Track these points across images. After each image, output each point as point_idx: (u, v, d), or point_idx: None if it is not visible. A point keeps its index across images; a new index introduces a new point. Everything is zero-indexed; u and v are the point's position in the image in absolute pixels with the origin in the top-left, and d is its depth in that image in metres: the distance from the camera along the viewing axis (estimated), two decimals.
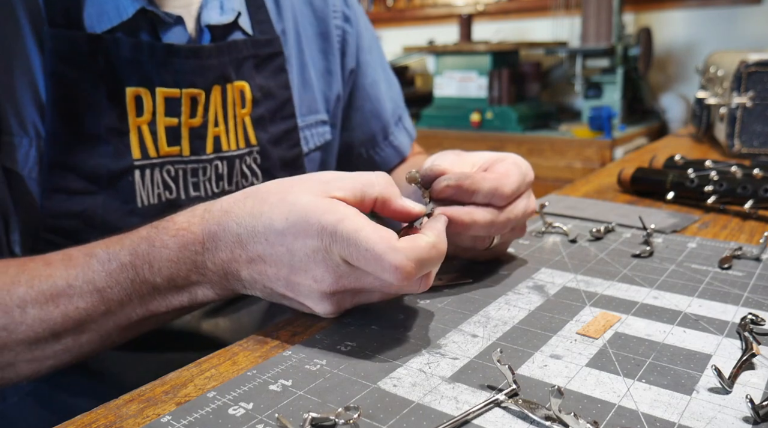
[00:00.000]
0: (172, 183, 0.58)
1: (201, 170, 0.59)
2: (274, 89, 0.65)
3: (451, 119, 2.53)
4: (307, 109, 0.70)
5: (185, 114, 0.58)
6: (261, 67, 0.64)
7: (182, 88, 0.57)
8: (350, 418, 0.32)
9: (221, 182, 0.61)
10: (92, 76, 0.53)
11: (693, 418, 0.32)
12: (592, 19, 2.34)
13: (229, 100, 0.61)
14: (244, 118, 0.62)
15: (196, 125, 0.59)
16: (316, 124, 0.72)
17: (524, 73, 2.53)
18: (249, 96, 0.62)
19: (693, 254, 0.57)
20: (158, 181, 0.57)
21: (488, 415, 0.33)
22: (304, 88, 0.70)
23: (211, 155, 0.60)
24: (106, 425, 0.33)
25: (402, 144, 0.84)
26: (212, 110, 0.60)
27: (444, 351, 0.40)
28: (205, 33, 0.60)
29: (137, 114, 0.55)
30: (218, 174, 0.61)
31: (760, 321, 0.42)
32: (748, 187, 0.71)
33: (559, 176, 2.21)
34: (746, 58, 1.03)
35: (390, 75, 0.85)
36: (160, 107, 0.56)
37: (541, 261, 0.56)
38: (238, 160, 0.62)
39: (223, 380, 0.37)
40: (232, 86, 0.61)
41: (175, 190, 0.58)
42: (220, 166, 0.61)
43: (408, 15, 3.14)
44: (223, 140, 0.61)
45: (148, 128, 0.56)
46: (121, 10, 0.54)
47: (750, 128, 1.03)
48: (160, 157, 0.57)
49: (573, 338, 0.41)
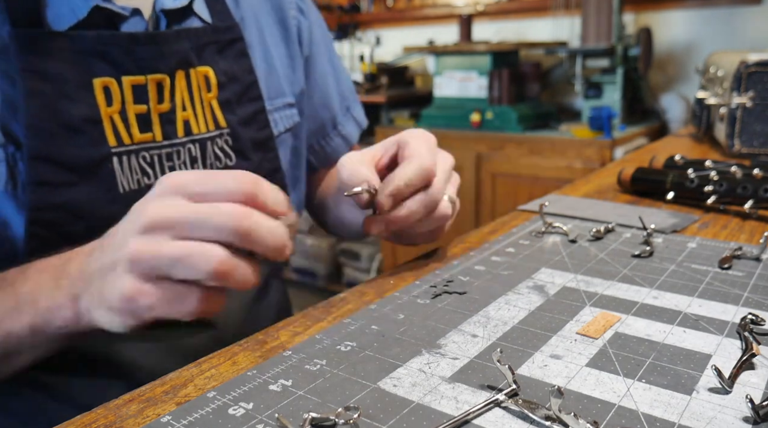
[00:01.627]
0: (149, 169, 0.59)
1: (175, 153, 0.61)
2: (238, 73, 0.68)
3: (451, 119, 2.53)
4: (274, 92, 0.73)
5: (153, 100, 0.60)
6: (223, 53, 0.66)
7: (146, 75, 0.59)
8: (350, 418, 0.32)
9: (195, 165, 0.63)
10: (60, 70, 0.55)
11: (693, 418, 0.32)
12: (592, 19, 2.34)
13: (194, 84, 0.63)
14: (211, 101, 0.65)
15: (164, 110, 0.61)
16: (284, 106, 0.75)
17: (524, 73, 2.53)
18: (214, 80, 0.65)
19: (693, 254, 0.57)
20: (135, 167, 0.58)
21: (488, 415, 0.33)
22: (270, 73, 0.73)
23: (184, 139, 0.62)
24: (106, 425, 0.33)
25: (350, 133, 0.88)
26: (178, 94, 0.62)
27: (444, 351, 0.40)
28: (161, 19, 0.62)
29: (107, 104, 0.57)
30: (192, 157, 0.63)
31: (760, 320, 0.42)
32: (748, 187, 0.71)
33: (559, 176, 2.21)
34: (746, 58, 1.03)
35: (339, 70, 0.89)
36: (128, 94, 0.58)
37: (541, 261, 0.56)
38: (209, 142, 0.64)
39: (223, 380, 0.37)
40: (196, 71, 0.63)
41: (152, 175, 0.60)
42: (192, 149, 0.63)
43: (408, 15, 3.13)
44: (192, 123, 0.63)
45: (119, 116, 0.58)
46: (76, 10, 0.56)
47: (750, 128, 1.03)
48: (134, 144, 0.59)
49: (573, 338, 0.41)
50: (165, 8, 0.62)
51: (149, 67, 0.59)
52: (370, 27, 3.23)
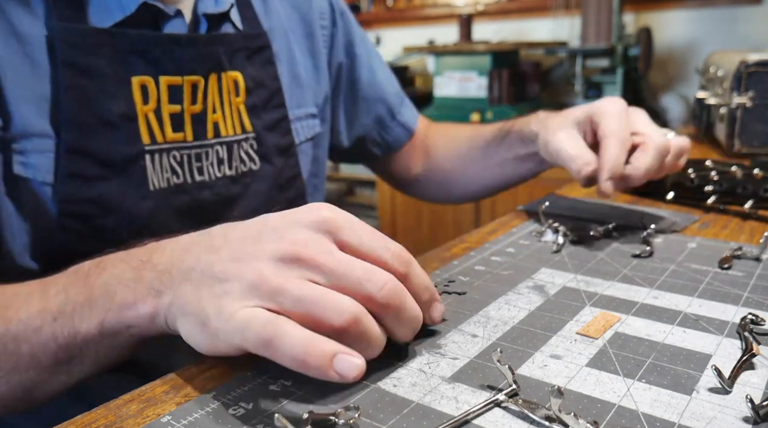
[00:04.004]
0: (179, 168, 0.61)
1: (204, 154, 0.63)
2: (265, 80, 0.69)
3: (451, 119, 2.52)
4: (297, 103, 0.75)
5: (187, 101, 0.61)
6: (251, 59, 0.68)
7: (183, 76, 0.61)
8: (350, 418, 0.32)
9: (222, 166, 0.65)
10: (101, 66, 0.56)
11: (693, 418, 0.32)
12: (592, 19, 2.34)
13: (224, 88, 0.65)
14: (239, 106, 0.67)
15: (197, 112, 0.62)
16: (306, 117, 0.77)
17: (524, 73, 2.53)
18: (243, 85, 0.67)
19: (693, 254, 0.57)
20: (166, 166, 0.60)
21: (488, 415, 0.33)
22: (294, 83, 0.75)
23: (212, 140, 0.64)
24: (106, 425, 0.33)
25: (409, 120, 0.92)
26: (210, 97, 0.64)
27: (444, 351, 0.40)
28: (202, 22, 0.64)
29: (144, 102, 0.58)
30: (219, 158, 0.64)
31: (760, 320, 0.42)
32: (748, 187, 0.71)
33: (559, 176, 2.21)
34: (746, 58, 1.03)
35: (386, 66, 0.92)
36: (164, 94, 0.60)
37: (541, 261, 0.56)
38: (236, 145, 0.66)
39: (223, 380, 0.37)
40: (227, 75, 0.65)
41: (181, 174, 0.61)
42: (220, 150, 0.64)
43: (408, 15, 3.13)
44: (221, 126, 0.65)
45: (154, 115, 0.59)
46: (124, 5, 0.57)
47: (750, 128, 1.03)
48: (166, 142, 0.60)
49: (573, 338, 0.41)
50: (207, 12, 0.64)
51: (186, 69, 0.61)
52: (370, 27, 3.23)
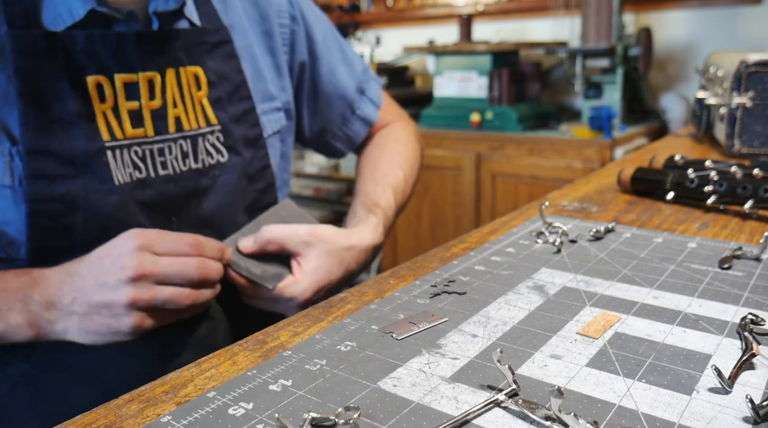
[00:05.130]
0: (141, 163, 0.62)
1: (167, 148, 0.64)
2: (228, 73, 0.70)
3: (451, 119, 2.53)
4: (262, 97, 0.75)
5: (144, 97, 0.62)
6: (212, 53, 0.69)
7: (138, 73, 0.62)
8: (350, 418, 0.32)
9: (187, 160, 0.66)
10: (54, 69, 0.57)
11: (693, 418, 0.32)
12: (592, 19, 2.34)
13: (183, 82, 0.66)
14: (201, 99, 0.67)
15: (156, 107, 0.63)
16: (272, 110, 0.77)
17: (524, 73, 2.53)
18: (204, 79, 0.67)
19: (693, 254, 0.57)
20: (128, 161, 0.61)
21: (488, 415, 0.33)
22: (258, 78, 0.75)
23: (175, 134, 0.65)
24: (106, 425, 0.33)
25: (368, 114, 0.91)
26: (169, 91, 0.64)
27: (444, 351, 0.40)
28: (154, 20, 0.64)
29: (100, 100, 0.60)
30: (183, 152, 0.65)
31: (760, 320, 0.42)
32: (748, 187, 0.71)
33: (559, 176, 2.21)
34: (746, 58, 1.03)
35: (349, 55, 0.90)
36: (120, 92, 0.61)
37: (541, 261, 0.56)
38: (200, 138, 0.67)
39: (223, 380, 0.37)
40: (185, 70, 0.66)
41: (143, 169, 0.62)
42: (184, 144, 0.65)
43: (408, 15, 3.13)
44: (183, 120, 0.65)
45: (112, 112, 0.60)
46: (73, 12, 0.58)
47: (750, 128, 1.03)
48: (127, 138, 0.61)
49: (573, 338, 0.41)
50: (158, 11, 0.64)
51: (140, 66, 0.61)
52: (370, 27, 3.23)
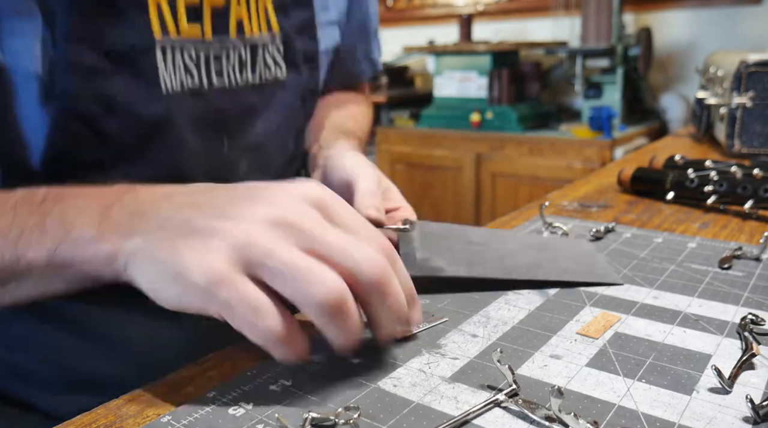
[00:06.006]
0: (194, 68, 0.54)
1: (224, 55, 0.57)
2: None
3: (451, 119, 2.53)
4: (320, 5, 0.69)
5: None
6: None
7: None
8: (350, 418, 0.32)
9: (244, 71, 0.59)
10: None
11: (693, 418, 0.32)
12: (592, 19, 2.34)
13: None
14: (266, 3, 0.61)
15: (218, 5, 0.56)
16: (327, 23, 0.71)
17: (524, 73, 2.53)
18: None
19: (693, 254, 0.57)
20: (179, 64, 0.53)
21: (488, 415, 0.33)
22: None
23: (235, 39, 0.58)
24: (106, 425, 0.33)
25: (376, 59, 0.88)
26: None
27: (444, 351, 0.40)
28: None
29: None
30: (242, 61, 0.58)
31: (760, 320, 0.42)
32: (748, 187, 0.71)
33: (559, 176, 2.21)
34: (746, 58, 1.03)
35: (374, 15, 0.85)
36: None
37: None
38: (261, 48, 0.60)
39: (223, 380, 0.37)
40: None
41: (197, 76, 0.55)
42: (243, 53, 0.58)
43: (408, 15, 3.14)
44: (245, 24, 0.58)
45: (167, 4, 0.52)
46: None
47: (750, 128, 1.03)
48: (181, 37, 0.53)
49: (573, 338, 0.41)
50: None
51: None
52: None
